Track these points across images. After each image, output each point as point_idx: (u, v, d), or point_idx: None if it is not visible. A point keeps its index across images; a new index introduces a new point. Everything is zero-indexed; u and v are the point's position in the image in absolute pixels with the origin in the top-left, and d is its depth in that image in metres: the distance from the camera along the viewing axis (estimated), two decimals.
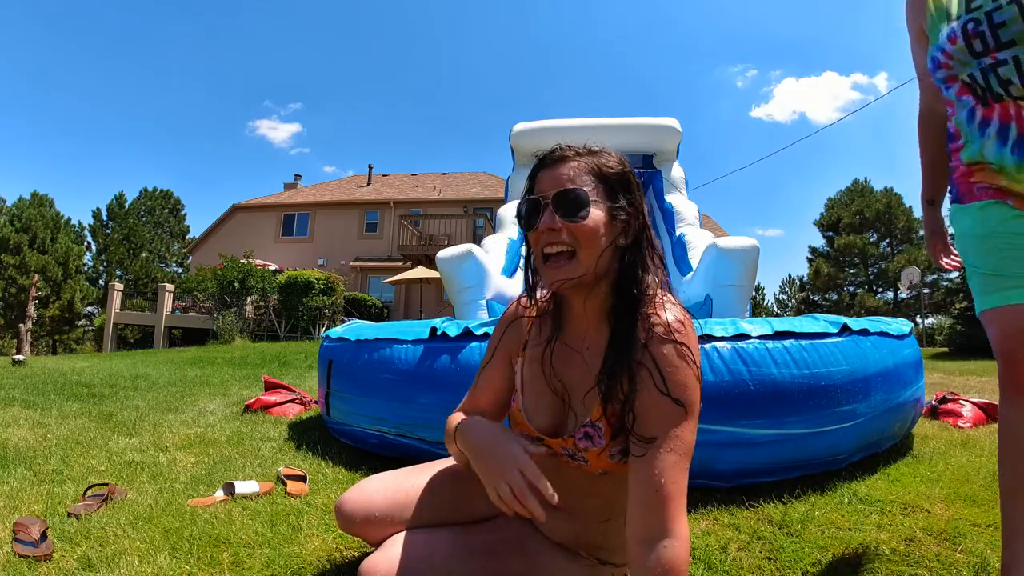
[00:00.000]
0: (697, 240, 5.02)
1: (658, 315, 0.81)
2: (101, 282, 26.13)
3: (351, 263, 19.45)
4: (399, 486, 1.08)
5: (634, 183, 0.85)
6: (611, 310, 0.85)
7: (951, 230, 1.19)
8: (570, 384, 0.89)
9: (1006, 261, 1.02)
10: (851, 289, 22.58)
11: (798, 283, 25.85)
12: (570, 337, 0.91)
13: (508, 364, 0.99)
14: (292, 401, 3.33)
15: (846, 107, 57.30)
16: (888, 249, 22.16)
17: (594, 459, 0.87)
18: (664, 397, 0.77)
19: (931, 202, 1.30)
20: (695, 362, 0.79)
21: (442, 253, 4.31)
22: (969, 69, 1.02)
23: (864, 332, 1.98)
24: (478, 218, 17.54)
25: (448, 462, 1.17)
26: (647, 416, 0.79)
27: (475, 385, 1.02)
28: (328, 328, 9.32)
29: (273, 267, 16.38)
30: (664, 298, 0.84)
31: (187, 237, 29.28)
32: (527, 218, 0.84)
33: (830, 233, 23.37)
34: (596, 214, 0.81)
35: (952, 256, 1.30)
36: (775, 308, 26.70)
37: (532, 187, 0.86)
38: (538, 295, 0.94)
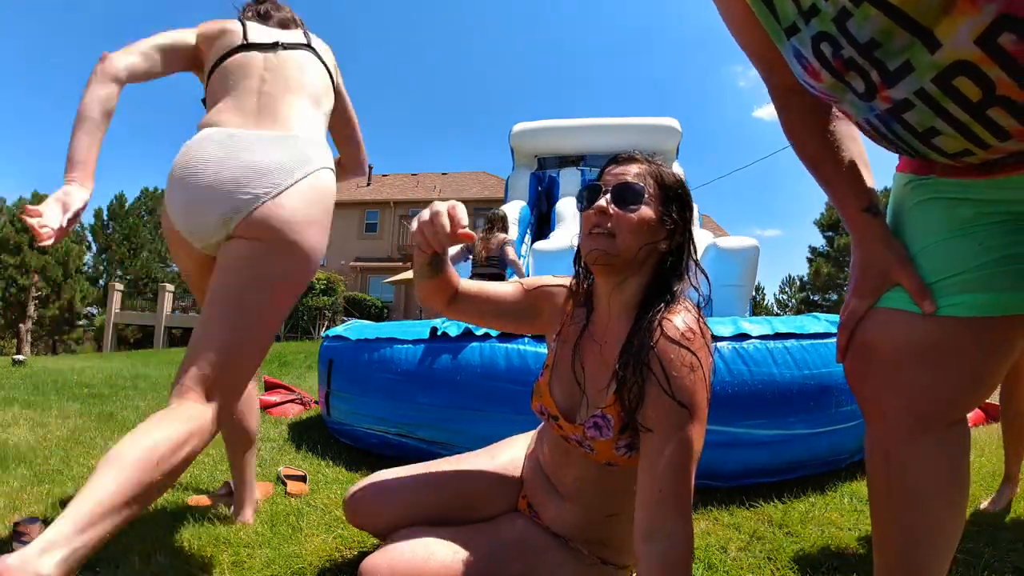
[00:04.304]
0: (697, 240, 5.02)
1: (670, 320, 0.83)
2: (101, 282, 26.15)
3: (351, 263, 19.45)
4: (407, 483, 1.11)
5: (687, 201, 0.93)
6: (637, 308, 0.89)
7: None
8: (588, 373, 0.93)
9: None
10: None
11: (798, 283, 25.85)
12: (594, 329, 0.95)
13: (522, 301, 1.05)
14: (292, 401, 3.33)
15: None
16: None
17: (601, 449, 0.89)
18: (669, 399, 0.79)
19: (875, 210, 0.78)
20: (703, 369, 0.81)
21: None
22: (861, 113, 0.69)
23: None
24: (478, 218, 17.55)
25: (455, 460, 1.18)
26: (653, 416, 0.81)
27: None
28: (328, 328, 9.32)
29: None
30: (683, 304, 0.87)
31: None
32: (587, 200, 0.92)
33: (830, 233, 23.40)
34: (646, 211, 0.88)
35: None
36: (775, 308, 26.69)
37: (599, 177, 0.95)
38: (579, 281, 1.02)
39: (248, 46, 1.30)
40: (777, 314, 24.95)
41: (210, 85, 1.31)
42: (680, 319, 0.84)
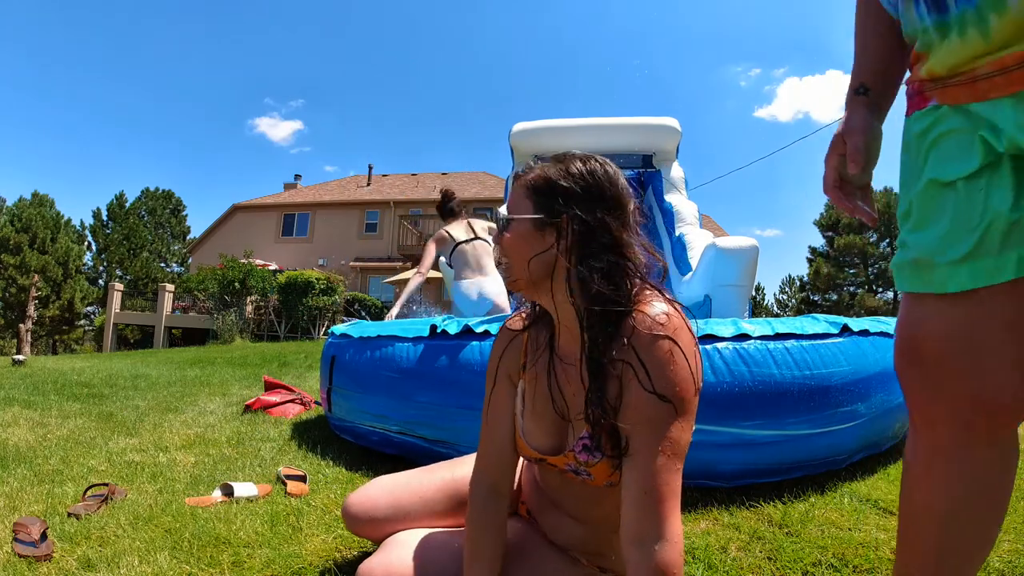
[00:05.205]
0: (696, 240, 5.02)
1: (642, 311, 0.78)
2: (101, 282, 26.14)
3: (351, 263, 19.45)
4: (402, 489, 1.11)
5: (569, 193, 0.81)
6: (582, 318, 0.82)
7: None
8: (568, 397, 0.87)
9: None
10: (851, 289, 22.62)
11: (798, 283, 25.85)
12: (563, 350, 0.89)
13: (512, 387, 0.97)
14: (292, 401, 3.33)
15: None
16: (888, 249, 22.20)
17: (597, 472, 0.85)
18: (650, 395, 0.75)
19: (863, 90, 0.83)
20: (686, 357, 0.76)
21: (442, 255, 4.32)
22: None
23: (864, 332, 1.98)
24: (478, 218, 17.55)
25: (450, 465, 1.18)
26: (634, 416, 0.77)
27: (486, 423, 0.98)
28: (328, 328, 9.33)
29: (273, 267, 16.40)
30: (651, 294, 0.81)
31: (188, 237, 29.30)
32: None
33: (830, 233, 23.42)
34: (518, 228, 0.84)
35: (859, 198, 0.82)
36: (775, 308, 26.68)
37: None
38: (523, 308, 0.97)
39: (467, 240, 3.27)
40: (777, 314, 24.95)
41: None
42: (653, 308, 0.78)
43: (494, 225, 3.44)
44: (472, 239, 3.25)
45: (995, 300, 0.64)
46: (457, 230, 3.30)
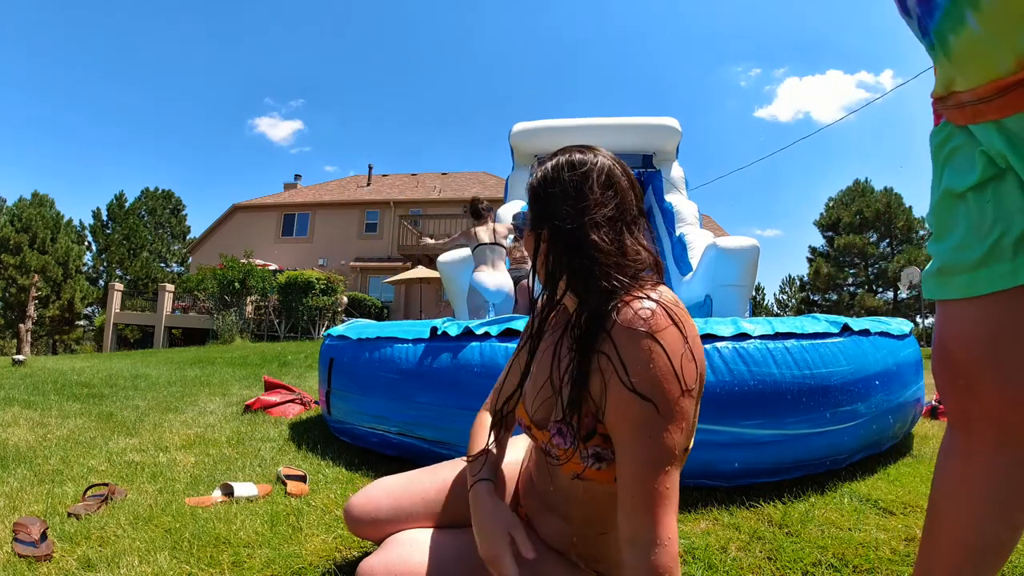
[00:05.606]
0: (697, 240, 5.03)
1: (626, 304, 0.76)
2: (101, 282, 26.15)
3: (351, 263, 19.45)
4: (404, 490, 1.10)
5: (542, 199, 0.85)
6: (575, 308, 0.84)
7: None
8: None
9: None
10: (851, 289, 22.60)
11: (798, 283, 25.85)
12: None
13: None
14: (292, 401, 3.33)
15: (851, 106, 56.97)
16: (888, 249, 22.18)
17: (565, 459, 0.84)
18: (631, 394, 0.72)
19: None
20: (668, 356, 0.72)
21: (443, 256, 4.35)
22: None
23: (865, 332, 1.98)
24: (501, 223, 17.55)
25: (452, 465, 1.18)
26: (616, 414, 0.75)
27: (506, 370, 1.06)
28: (328, 328, 9.35)
29: (273, 267, 16.39)
30: (644, 287, 0.79)
31: (188, 237, 29.30)
32: None
33: (830, 233, 23.41)
34: (525, 232, 0.91)
35: None
36: (775, 308, 26.69)
37: None
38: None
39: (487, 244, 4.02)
40: (777, 314, 24.95)
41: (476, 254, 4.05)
42: (637, 303, 0.75)
43: (510, 225, 4.29)
44: (492, 243, 4.06)
45: (1014, 303, 0.65)
46: (482, 233, 4.08)
